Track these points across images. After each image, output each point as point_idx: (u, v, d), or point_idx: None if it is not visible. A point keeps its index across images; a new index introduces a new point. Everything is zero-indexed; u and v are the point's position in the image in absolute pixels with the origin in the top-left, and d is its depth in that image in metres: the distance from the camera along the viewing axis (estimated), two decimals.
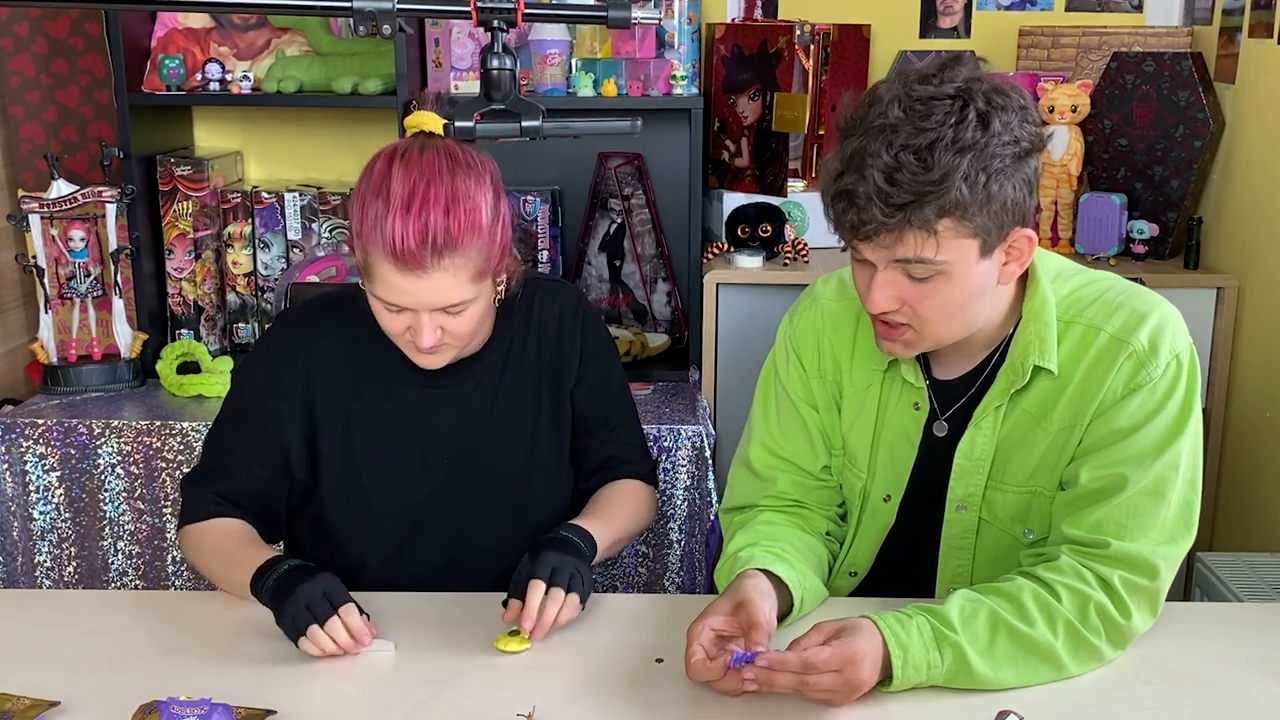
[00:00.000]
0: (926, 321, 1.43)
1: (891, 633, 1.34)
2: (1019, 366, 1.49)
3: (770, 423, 1.66)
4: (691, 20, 2.78)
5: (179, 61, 2.70)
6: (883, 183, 1.33)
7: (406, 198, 1.47)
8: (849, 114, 1.40)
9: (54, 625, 1.54)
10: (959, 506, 1.56)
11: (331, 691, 1.39)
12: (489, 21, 1.32)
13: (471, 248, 1.50)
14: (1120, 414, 1.45)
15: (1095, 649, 1.40)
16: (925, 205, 1.33)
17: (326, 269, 2.74)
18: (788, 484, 1.64)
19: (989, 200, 1.34)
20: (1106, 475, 1.43)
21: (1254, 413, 2.52)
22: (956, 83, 1.36)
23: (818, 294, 1.68)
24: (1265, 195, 2.52)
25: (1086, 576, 1.40)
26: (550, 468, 1.74)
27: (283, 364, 1.68)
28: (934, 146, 1.32)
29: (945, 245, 1.36)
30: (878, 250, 1.39)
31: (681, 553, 2.54)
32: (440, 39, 2.78)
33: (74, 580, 2.53)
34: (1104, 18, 2.95)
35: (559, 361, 1.73)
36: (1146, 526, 1.42)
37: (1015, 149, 1.36)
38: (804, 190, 2.80)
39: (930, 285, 1.40)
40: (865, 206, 1.34)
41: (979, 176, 1.33)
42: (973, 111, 1.34)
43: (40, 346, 2.69)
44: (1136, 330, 1.46)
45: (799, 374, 1.65)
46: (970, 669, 1.35)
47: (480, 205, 1.51)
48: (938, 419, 1.57)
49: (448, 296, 1.52)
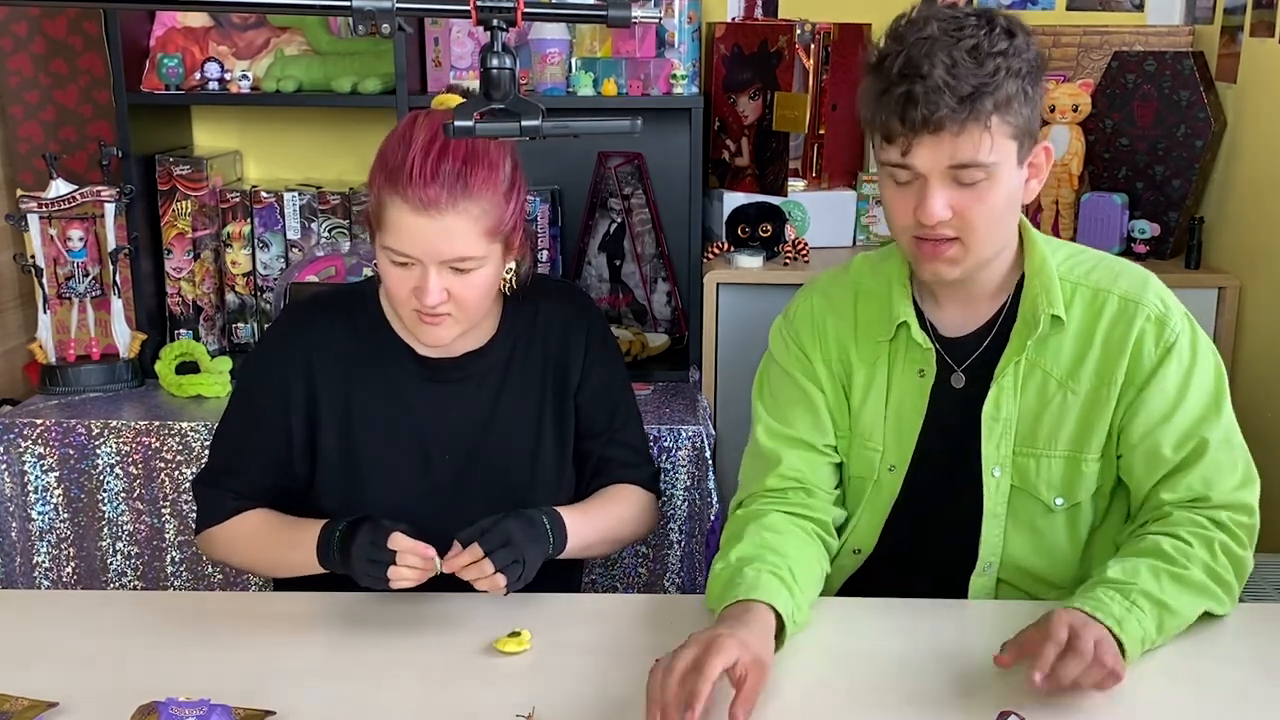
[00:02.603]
0: (975, 229, 1.49)
1: (1092, 608, 1.36)
2: (1031, 319, 1.56)
3: (773, 406, 1.68)
4: (691, 19, 2.78)
5: (178, 61, 2.70)
6: (946, 75, 1.41)
7: (427, 142, 1.52)
8: (880, 42, 1.50)
9: (53, 626, 1.54)
10: (995, 469, 1.58)
11: (331, 691, 1.38)
12: (488, 20, 1.31)
13: (486, 199, 1.53)
14: (1166, 379, 1.54)
15: (1230, 583, 1.49)
16: (984, 97, 1.42)
17: (326, 269, 2.74)
18: (795, 459, 1.64)
19: (1026, 99, 1.46)
20: (1191, 444, 1.53)
21: (1255, 413, 2.52)
22: (972, 8, 1.50)
23: (811, 286, 1.72)
24: (1267, 195, 2.52)
25: (1202, 522, 1.50)
26: (552, 469, 1.73)
27: (286, 355, 1.69)
28: (978, 49, 1.43)
29: (996, 145, 1.45)
30: (938, 151, 1.44)
31: (681, 553, 2.53)
32: (440, 38, 2.77)
33: (73, 581, 2.52)
34: (1105, 17, 2.94)
35: (564, 363, 1.73)
36: (1230, 472, 1.53)
37: (1036, 56, 1.48)
38: (804, 190, 2.80)
39: (979, 190, 1.47)
40: (934, 100, 1.41)
41: (1017, 77, 1.45)
42: (999, 25, 1.46)
43: (39, 346, 2.68)
44: (1144, 291, 1.57)
45: (799, 359, 1.66)
46: (1169, 608, 1.41)
47: (499, 165, 1.55)
48: (954, 371, 1.60)
49: (458, 246, 1.53)
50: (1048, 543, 1.61)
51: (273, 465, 1.70)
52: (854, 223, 2.87)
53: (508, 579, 1.49)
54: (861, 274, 1.68)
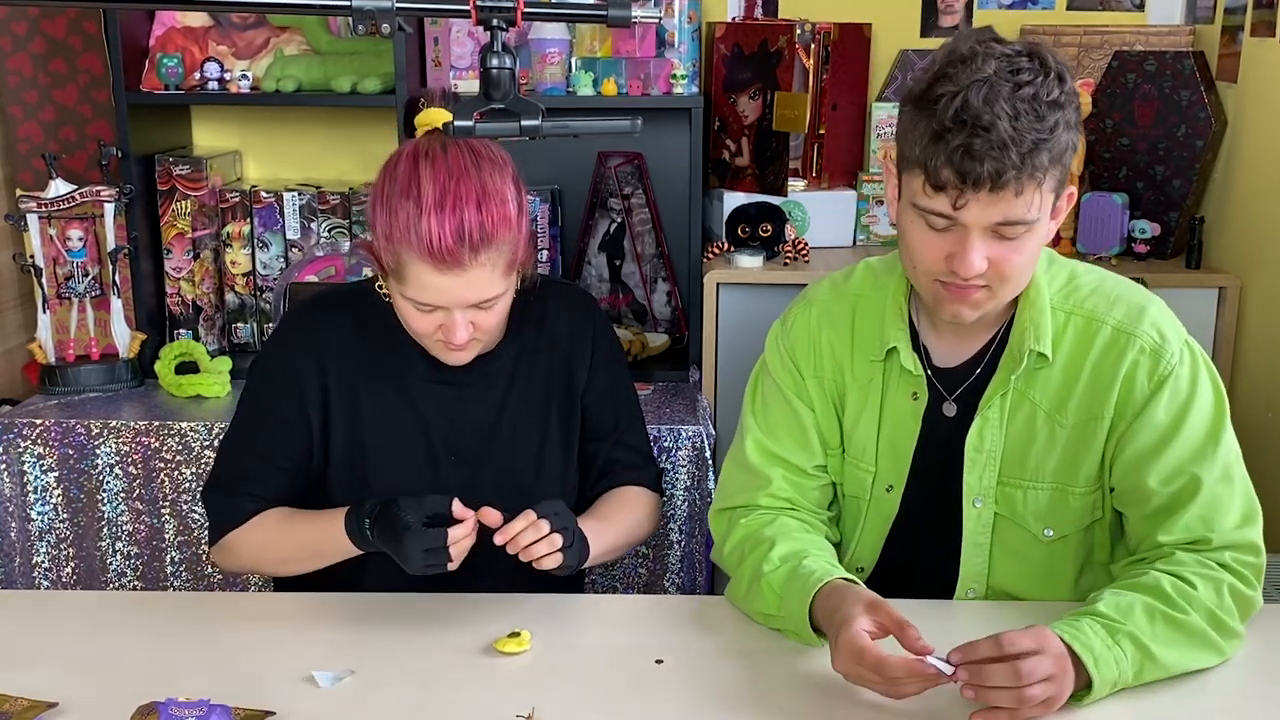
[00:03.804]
0: (1007, 280, 1.44)
1: (1071, 636, 1.31)
2: (1017, 353, 1.51)
3: (764, 421, 1.65)
4: (692, 19, 2.78)
5: (177, 60, 2.69)
6: (1010, 129, 1.33)
7: (439, 197, 1.49)
8: (929, 69, 1.40)
9: (52, 626, 1.54)
10: (975, 500, 1.56)
11: (331, 692, 1.38)
12: (488, 20, 1.31)
13: (504, 241, 1.53)
14: (1157, 411, 1.48)
15: (1233, 629, 1.43)
16: (1041, 153, 1.35)
17: (325, 268, 2.73)
18: (783, 482, 1.62)
19: (1073, 151, 1.40)
20: (1180, 482, 1.47)
21: (1256, 413, 2.52)
22: (1019, 44, 1.40)
23: (810, 296, 1.67)
24: (1267, 195, 2.52)
25: (1208, 563, 1.44)
26: (557, 469, 1.73)
27: (298, 353, 1.69)
28: (1038, 98, 1.35)
29: (1044, 200, 1.39)
30: (993, 208, 1.37)
31: (681, 553, 2.53)
32: (439, 38, 2.77)
33: (72, 581, 2.52)
34: (1105, 16, 2.94)
35: (571, 365, 1.73)
36: (1229, 509, 1.46)
37: (1079, 107, 1.41)
38: (804, 190, 2.80)
39: (1018, 243, 1.41)
40: (1000, 157, 1.33)
41: (1070, 129, 1.38)
42: (1052, 70, 1.37)
43: (38, 346, 2.68)
44: (1139, 321, 1.50)
45: (793, 376, 1.64)
46: (1153, 656, 1.35)
47: (508, 198, 1.54)
48: (945, 400, 1.58)
49: (483, 292, 1.54)
50: (1039, 572, 1.58)
51: (289, 466, 1.69)
52: (854, 223, 2.87)
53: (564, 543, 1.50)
54: (864, 286, 1.64)
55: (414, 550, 1.48)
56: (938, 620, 1.50)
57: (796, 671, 1.43)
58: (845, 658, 1.32)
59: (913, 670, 1.29)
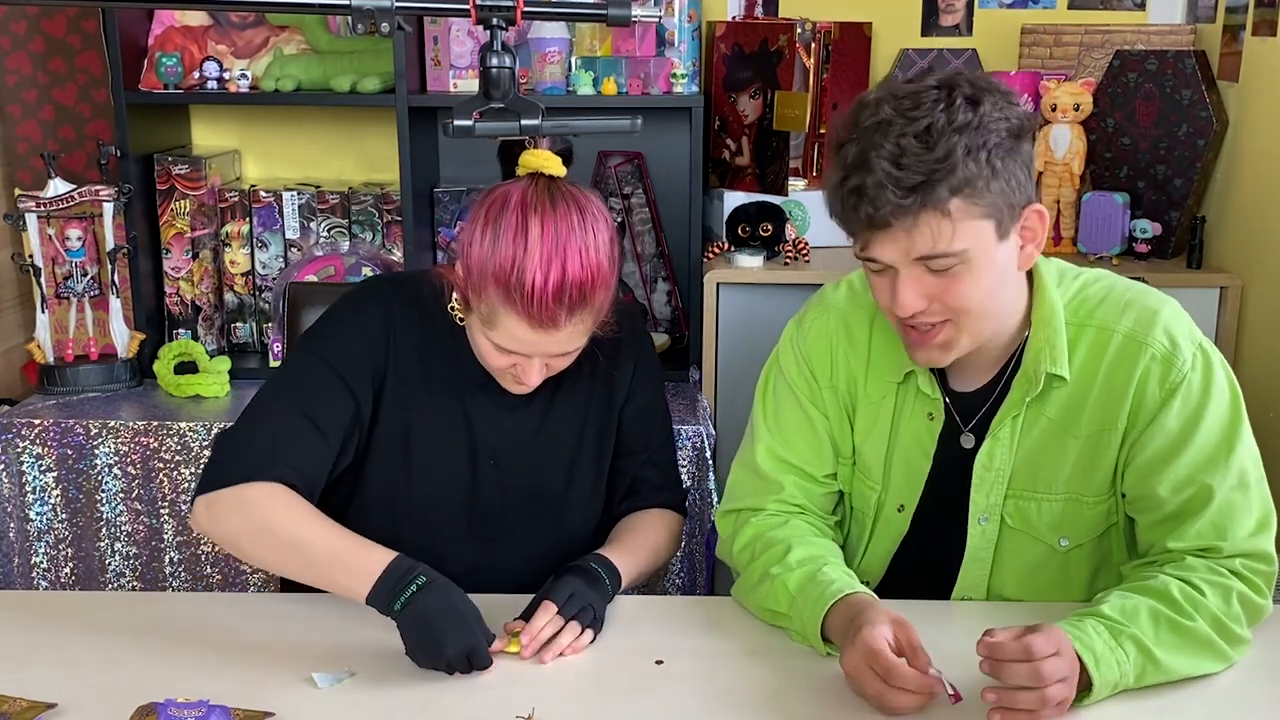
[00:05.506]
0: (962, 312, 1.42)
1: (1073, 636, 1.30)
2: (1032, 375, 1.49)
3: (776, 426, 1.63)
4: (692, 18, 2.78)
5: (176, 60, 2.69)
6: (891, 168, 1.33)
7: (546, 258, 1.46)
8: (840, 125, 1.43)
9: (51, 627, 1.53)
10: (981, 518, 1.55)
11: (330, 692, 1.38)
12: (488, 19, 1.31)
13: (600, 301, 1.52)
14: (1169, 419, 1.46)
15: (1240, 636, 1.41)
16: (936, 185, 1.33)
17: (325, 268, 2.73)
18: (794, 488, 1.61)
19: (994, 175, 1.35)
20: (1191, 490, 1.45)
21: (1257, 413, 2.51)
22: (937, 77, 1.39)
23: (829, 302, 1.64)
24: (1268, 194, 2.52)
25: (1219, 570, 1.42)
26: (588, 481, 1.71)
27: (369, 329, 1.62)
28: (930, 130, 1.34)
29: (961, 231, 1.36)
30: (895, 245, 1.38)
31: (682, 553, 2.53)
32: (439, 37, 2.77)
33: (71, 581, 2.52)
34: (1107, 16, 2.94)
35: (612, 377, 1.71)
36: (1244, 517, 1.45)
37: (1008, 125, 1.37)
38: (805, 189, 2.80)
39: (954, 275, 1.39)
40: (877, 195, 1.34)
41: (980, 152, 1.34)
42: (960, 96, 1.36)
43: (37, 346, 2.68)
44: (1151, 328, 1.48)
45: (808, 382, 1.62)
46: (1156, 660, 1.34)
47: (606, 258, 1.51)
48: (962, 432, 1.56)
49: (567, 346, 1.54)
50: (1055, 580, 1.57)
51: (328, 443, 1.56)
52: None
53: (592, 630, 1.49)
54: None
55: (438, 665, 1.41)
56: (936, 621, 1.50)
57: (797, 673, 1.42)
58: (858, 655, 1.32)
59: (920, 681, 1.29)
